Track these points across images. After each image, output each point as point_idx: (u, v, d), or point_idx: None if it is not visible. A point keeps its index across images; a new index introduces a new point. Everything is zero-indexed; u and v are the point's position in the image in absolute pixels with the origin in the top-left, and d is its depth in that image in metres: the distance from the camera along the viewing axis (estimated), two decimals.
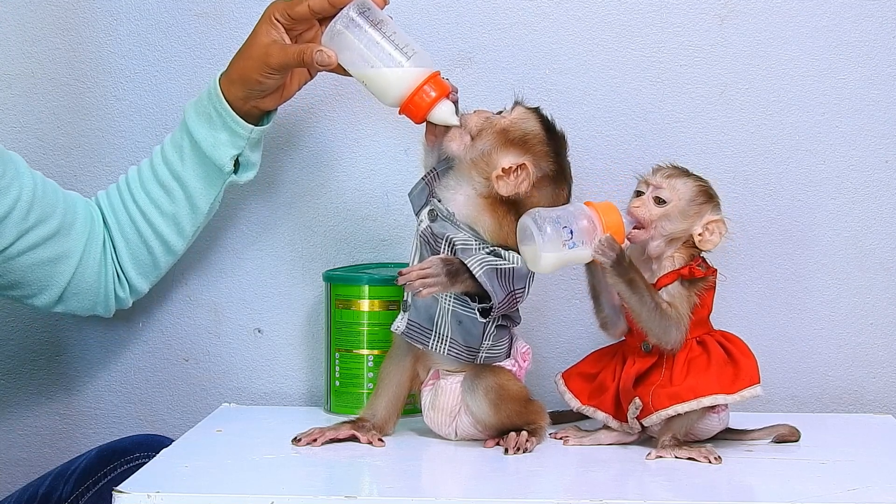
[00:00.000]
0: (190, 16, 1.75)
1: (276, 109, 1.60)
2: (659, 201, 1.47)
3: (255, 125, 1.57)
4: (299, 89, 1.58)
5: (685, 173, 1.49)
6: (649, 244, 1.47)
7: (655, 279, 1.47)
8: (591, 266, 1.49)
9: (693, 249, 1.48)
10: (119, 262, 1.63)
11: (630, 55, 1.73)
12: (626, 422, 1.47)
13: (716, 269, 1.49)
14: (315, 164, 1.76)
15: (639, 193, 1.49)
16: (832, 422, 1.67)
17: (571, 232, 1.41)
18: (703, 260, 1.49)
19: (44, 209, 1.54)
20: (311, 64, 1.47)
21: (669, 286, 1.46)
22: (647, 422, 1.46)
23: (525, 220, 1.42)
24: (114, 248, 1.63)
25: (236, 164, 1.60)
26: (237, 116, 1.55)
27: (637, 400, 1.45)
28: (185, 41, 1.75)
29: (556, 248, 1.40)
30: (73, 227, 1.58)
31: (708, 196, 1.48)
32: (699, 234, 1.47)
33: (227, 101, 1.54)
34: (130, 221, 1.62)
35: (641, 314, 1.43)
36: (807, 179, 1.74)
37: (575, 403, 1.51)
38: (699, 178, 1.50)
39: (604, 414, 1.49)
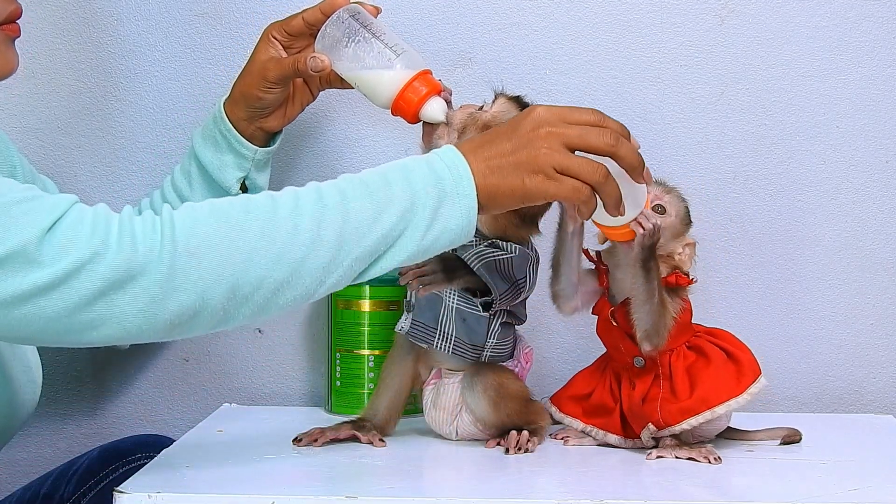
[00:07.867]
0: (190, 16, 1.75)
1: (281, 132, 1.60)
2: (660, 209, 1.45)
3: (261, 147, 1.58)
4: (302, 110, 1.59)
5: (675, 191, 1.47)
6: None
7: None
8: (561, 236, 1.46)
9: (671, 261, 1.46)
10: None
11: (630, 55, 1.73)
12: (639, 438, 1.45)
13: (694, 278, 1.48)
14: (315, 165, 1.76)
15: None
16: (832, 422, 1.67)
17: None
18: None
19: None
20: (306, 70, 1.48)
21: None
22: (657, 435, 1.44)
23: None
24: None
25: (244, 188, 1.60)
26: (241, 137, 1.56)
27: (651, 426, 1.43)
28: (185, 42, 1.75)
29: None
30: None
31: (689, 218, 1.47)
32: (679, 254, 1.46)
33: (231, 122, 1.56)
34: None
35: (645, 305, 1.40)
36: (807, 179, 1.74)
37: (578, 425, 1.48)
38: (684, 199, 1.48)
39: (615, 436, 1.46)
